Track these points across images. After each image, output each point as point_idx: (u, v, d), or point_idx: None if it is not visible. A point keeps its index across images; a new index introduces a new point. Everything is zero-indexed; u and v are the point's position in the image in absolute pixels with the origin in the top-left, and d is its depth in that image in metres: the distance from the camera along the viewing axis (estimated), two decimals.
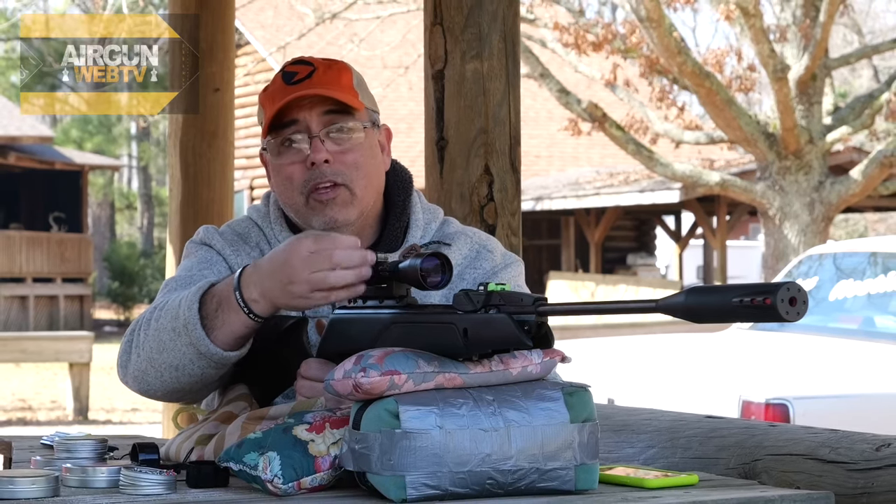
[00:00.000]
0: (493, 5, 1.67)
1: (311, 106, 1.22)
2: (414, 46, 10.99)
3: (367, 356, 0.98)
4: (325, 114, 1.22)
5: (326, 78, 1.23)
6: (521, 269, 1.30)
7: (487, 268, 1.26)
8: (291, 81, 1.22)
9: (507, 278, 1.26)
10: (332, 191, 1.21)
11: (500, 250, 1.30)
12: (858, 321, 3.70)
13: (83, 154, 16.84)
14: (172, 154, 2.74)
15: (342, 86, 1.23)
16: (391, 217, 1.27)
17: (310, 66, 1.23)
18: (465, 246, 1.27)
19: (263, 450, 0.99)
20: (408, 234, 1.27)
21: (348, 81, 1.24)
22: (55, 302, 14.14)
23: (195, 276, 1.23)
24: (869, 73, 17.33)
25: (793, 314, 0.87)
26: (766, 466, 1.22)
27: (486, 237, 1.31)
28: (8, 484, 0.97)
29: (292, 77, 1.22)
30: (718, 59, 8.59)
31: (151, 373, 1.16)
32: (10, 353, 7.08)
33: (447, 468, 0.95)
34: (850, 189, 7.83)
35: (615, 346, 4.08)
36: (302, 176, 1.22)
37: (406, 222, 1.27)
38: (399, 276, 1.05)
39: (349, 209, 1.22)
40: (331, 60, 1.26)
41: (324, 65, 1.24)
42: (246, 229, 1.28)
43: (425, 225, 1.28)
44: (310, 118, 1.22)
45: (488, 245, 1.29)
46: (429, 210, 1.30)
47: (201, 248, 1.27)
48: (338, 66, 1.25)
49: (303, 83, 1.22)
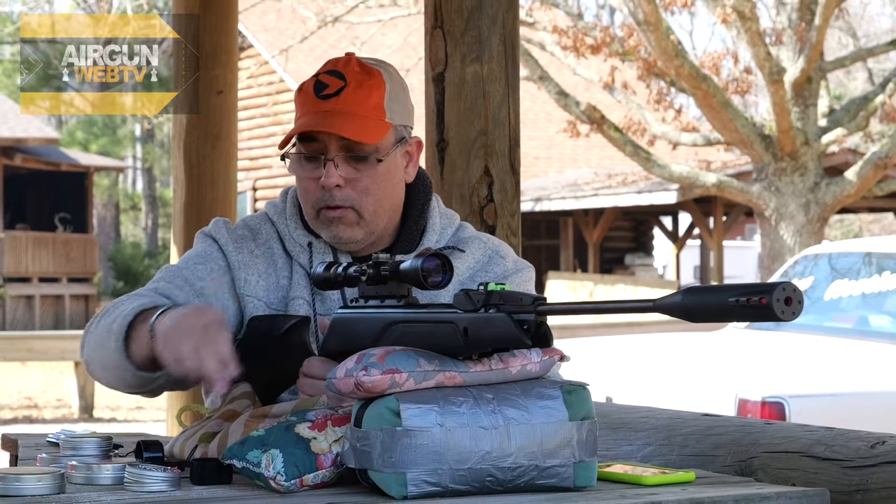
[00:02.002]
0: (493, 9, 1.67)
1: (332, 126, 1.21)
2: (415, 49, 11.00)
3: (369, 355, 0.99)
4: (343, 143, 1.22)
5: (354, 98, 1.21)
6: (531, 275, 1.31)
7: (499, 272, 1.28)
8: (321, 94, 1.22)
9: (517, 283, 1.28)
10: (340, 211, 1.23)
11: (513, 257, 1.31)
12: (853, 320, 3.71)
13: (88, 155, 16.88)
14: (176, 156, 2.75)
15: (369, 107, 1.22)
16: (409, 220, 1.28)
17: (342, 82, 1.22)
18: (478, 251, 1.29)
19: (266, 447, 1.00)
20: (423, 238, 1.28)
21: (378, 100, 1.23)
22: (61, 301, 14.17)
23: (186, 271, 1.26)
24: (864, 75, 17.36)
25: (788, 314, 0.88)
26: (763, 464, 1.23)
27: (500, 243, 1.32)
28: (14, 481, 0.97)
29: (323, 89, 1.22)
30: (715, 61, 8.61)
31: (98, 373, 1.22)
32: (17, 351, 7.08)
33: (447, 465, 0.96)
34: (845, 190, 7.85)
35: (613, 345, 4.09)
36: (315, 192, 1.24)
37: (423, 226, 1.29)
38: (400, 276, 1.06)
39: (354, 229, 1.24)
40: (367, 73, 1.22)
41: (356, 81, 1.22)
42: (258, 225, 1.30)
43: (441, 230, 1.29)
44: (328, 140, 1.22)
45: (501, 251, 1.30)
46: (446, 215, 1.31)
47: (206, 239, 1.29)
48: (370, 84, 1.22)
49: (330, 100, 1.21)
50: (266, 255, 1.27)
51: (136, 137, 23.20)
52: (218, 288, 1.25)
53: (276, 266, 1.26)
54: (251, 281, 1.25)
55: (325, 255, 1.25)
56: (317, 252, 1.26)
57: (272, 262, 1.26)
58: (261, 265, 1.26)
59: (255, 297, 1.24)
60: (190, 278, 1.25)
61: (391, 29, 11.58)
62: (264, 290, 1.25)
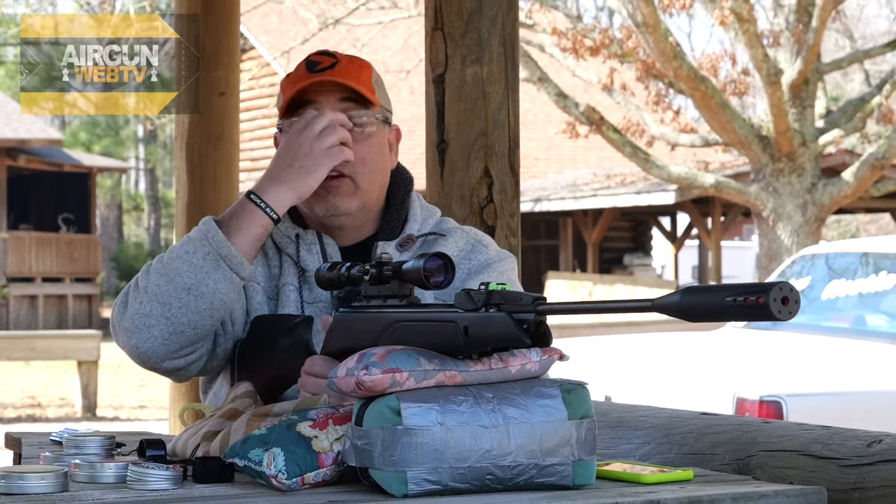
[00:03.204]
0: (493, 11, 1.68)
1: (329, 92, 1.26)
2: (415, 51, 11.02)
3: (369, 354, 0.99)
4: (342, 100, 1.26)
5: (348, 70, 1.26)
6: (514, 264, 1.32)
7: (482, 260, 1.29)
8: (315, 69, 1.26)
9: (501, 271, 1.29)
10: (337, 180, 1.25)
11: (495, 247, 1.33)
12: (850, 320, 3.72)
13: (91, 156, 16.90)
14: (179, 156, 2.76)
15: (362, 80, 1.27)
16: (391, 209, 1.31)
17: (333, 58, 1.27)
18: (461, 240, 1.30)
19: (268, 446, 1.01)
20: (405, 227, 1.30)
21: (368, 77, 1.28)
22: (64, 301, 14.20)
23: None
24: (860, 77, 17.38)
25: (785, 313, 0.88)
26: (760, 462, 1.23)
27: (482, 234, 1.34)
28: (18, 479, 0.98)
29: (315, 66, 1.26)
30: (713, 63, 8.62)
31: (156, 312, 1.17)
32: (20, 351, 7.09)
33: (448, 464, 0.96)
34: (841, 191, 7.86)
35: (612, 345, 4.10)
36: None
37: (405, 215, 1.31)
38: (403, 275, 1.07)
39: (351, 199, 1.26)
40: (353, 56, 1.30)
41: (347, 59, 1.28)
42: None
43: (423, 220, 1.31)
44: (327, 102, 1.25)
45: (483, 241, 1.32)
46: (426, 208, 1.34)
47: None
48: (359, 63, 1.29)
49: (325, 72, 1.25)
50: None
51: (138, 138, 23.26)
52: None
53: (268, 255, 1.29)
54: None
55: (312, 246, 1.27)
56: (304, 242, 1.27)
57: (264, 251, 1.28)
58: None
59: (255, 282, 1.27)
60: None
61: (392, 31, 11.60)
62: (262, 275, 1.27)
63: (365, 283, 1.10)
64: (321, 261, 1.26)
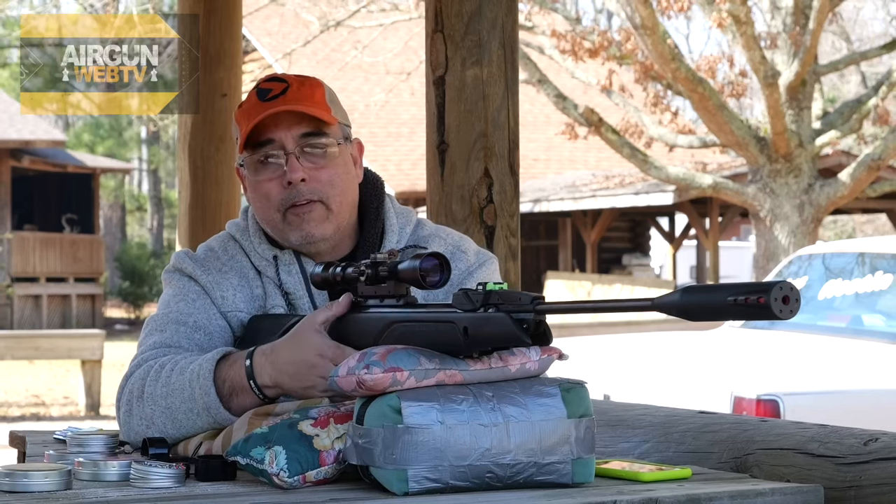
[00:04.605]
0: (493, 13, 1.69)
1: (287, 125, 1.23)
2: (416, 53, 11.02)
3: (370, 353, 1.00)
4: (301, 133, 1.23)
5: (300, 94, 1.24)
6: (495, 265, 1.31)
7: (463, 268, 1.28)
8: (266, 98, 1.23)
9: (483, 277, 1.28)
10: (309, 206, 1.23)
11: (474, 249, 1.32)
12: (847, 319, 3.73)
13: (95, 157, 16.91)
14: (181, 157, 2.77)
15: (315, 102, 1.24)
16: (366, 224, 1.29)
17: (283, 83, 1.25)
18: (439, 248, 1.28)
19: (270, 444, 1.01)
20: (384, 240, 1.28)
21: (321, 97, 1.25)
22: (68, 301, 14.23)
23: (172, 314, 1.24)
24: (857, 78, 17.39)
25: (786, 312, 0.88)
26: (758, 460, 1.24)
27: (460, 237, 1.32)
28: (22, 477, 0.98)
29: (266, 94, 1.24)
30: (711, 65, 8.63)
31: (158, 422, 1.18)
32: (24, 350, 7.11)
33: (448, 462, 0.97)
34: (838, 191, 7.88)
35: (611, 344, 4.11)
36: (279, 194, 1.23)
37: (381, 228, 1.29)
38: (399, 276, 1.07)
39: (325, 224, 1.24)
40: (304, 77, 1.27)
41: (297, 81, 1.25)
42: (221, 244, 1.30)
43: (400, 229, 1.30)
44: (285, 137, 1.23)
45: (462, 246, 1.30)
46: (402, 214, 1.31)
47: (174, 275, 1.28)
48: (311, 83, 1.26)
49: (277, 100, 1.23)
50: (236, 269, 1.27)
51: (141, 140, 23.28)
52: (208, 315, 1.24)
53: (248, 278, 1.27)
54: (228, 297, 1.25)
55: (291, 267, 1.25)
56: (282, 264, 1.26)
57: (243, 274, 1.27)
58: (233, 279, 1.26)
59: (237, 311, 1.25)
60: (179, 319, 1.24)
61: (392, 33, 11.60)
62: (243, 301, 1.25)
63: (360, 283, 1.09)
64: (302, 282, 1.25)
